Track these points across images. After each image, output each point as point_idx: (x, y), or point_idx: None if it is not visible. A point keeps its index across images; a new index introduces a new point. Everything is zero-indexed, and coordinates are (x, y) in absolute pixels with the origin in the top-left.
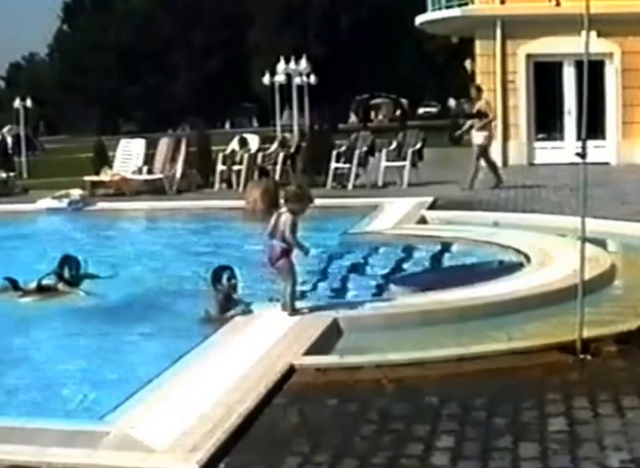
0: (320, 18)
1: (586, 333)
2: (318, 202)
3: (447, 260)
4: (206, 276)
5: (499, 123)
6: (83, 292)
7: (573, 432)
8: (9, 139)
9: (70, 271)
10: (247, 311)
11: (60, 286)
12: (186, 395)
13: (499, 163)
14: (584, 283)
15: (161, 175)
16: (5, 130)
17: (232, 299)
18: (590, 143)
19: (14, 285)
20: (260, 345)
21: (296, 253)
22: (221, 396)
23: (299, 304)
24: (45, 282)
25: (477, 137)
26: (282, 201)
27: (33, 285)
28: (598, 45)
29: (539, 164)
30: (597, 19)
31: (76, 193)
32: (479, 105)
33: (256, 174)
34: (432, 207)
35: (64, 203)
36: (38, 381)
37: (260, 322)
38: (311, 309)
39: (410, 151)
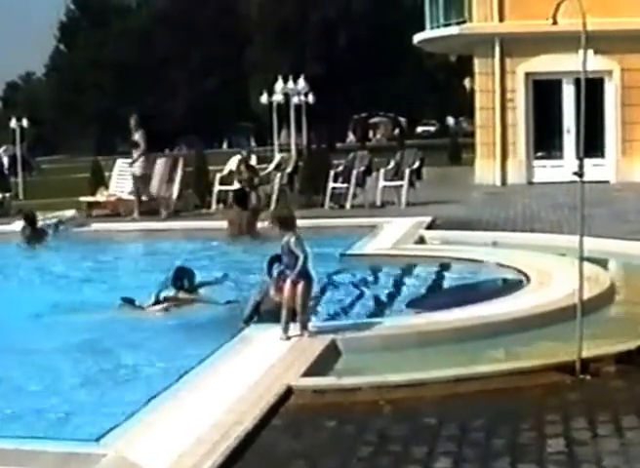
0: (318, 36)
1: (586, 354)
2: (316, 222)
3: (445, 281)
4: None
5: (497, 141)
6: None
7: (571, 453)
8: (5, 160)
9: (189, 282)
10: None
11: (181, 295)
12: (183, 416)
13: (498, 182)
14: (584, 302)
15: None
16: (1, 150)
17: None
18: (590, 162)
19: (131, 304)
20: (258, 366)
21: None
22: (219, 417)
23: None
24: (162, 295)
25: (135, 168)
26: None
27: (151, 299)
28: (597, 62)
29: (538, 182)
30: (596, 36)
31: (69, 214)
32: (136, 136)
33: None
34: (431, 226)
35: (51, 227)
36: None
37: (259, 343)
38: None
39: (408, 171)
